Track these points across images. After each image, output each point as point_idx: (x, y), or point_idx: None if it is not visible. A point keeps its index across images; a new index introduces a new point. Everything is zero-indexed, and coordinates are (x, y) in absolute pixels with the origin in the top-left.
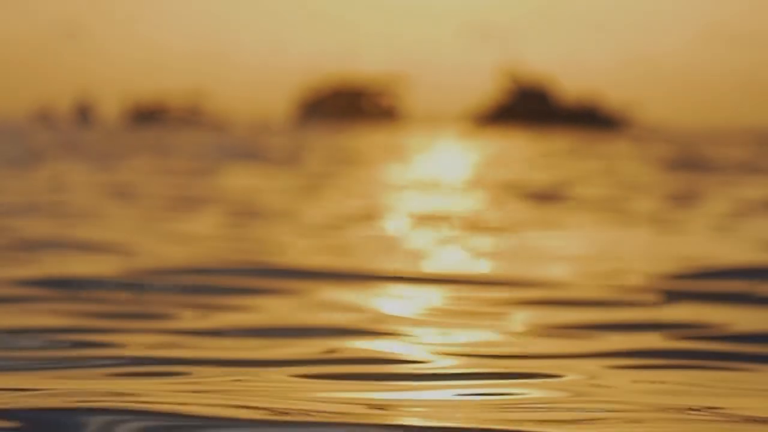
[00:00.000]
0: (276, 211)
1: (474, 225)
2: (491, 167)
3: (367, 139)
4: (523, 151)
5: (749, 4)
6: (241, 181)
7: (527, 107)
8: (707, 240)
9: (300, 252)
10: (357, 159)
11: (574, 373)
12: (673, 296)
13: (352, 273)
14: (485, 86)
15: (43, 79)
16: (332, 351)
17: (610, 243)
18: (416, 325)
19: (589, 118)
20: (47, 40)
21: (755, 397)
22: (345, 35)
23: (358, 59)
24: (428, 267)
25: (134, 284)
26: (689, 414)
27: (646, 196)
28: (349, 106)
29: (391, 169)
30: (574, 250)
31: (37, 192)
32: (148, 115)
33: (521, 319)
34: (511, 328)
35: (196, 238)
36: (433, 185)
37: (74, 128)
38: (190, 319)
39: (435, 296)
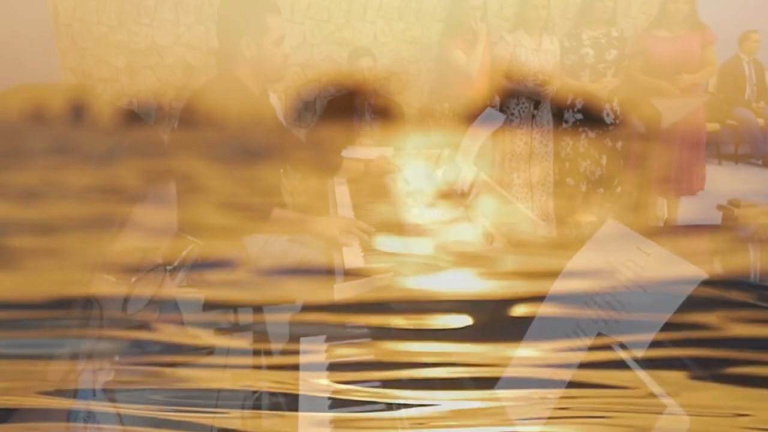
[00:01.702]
0: None
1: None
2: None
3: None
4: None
5: (743, 3)
6: None
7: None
8: None
9: None
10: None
11: None
12: None
13: None
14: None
15: (34, 79)
16: None
17: None
18: None
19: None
20: (38, 37)
21: None
22: (338, 34)
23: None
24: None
25: None
26: None
27: None
28: (343, 105)
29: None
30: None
31: None
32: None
33: None
34: None
35: None
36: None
37: (68, 127)
38: None
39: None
